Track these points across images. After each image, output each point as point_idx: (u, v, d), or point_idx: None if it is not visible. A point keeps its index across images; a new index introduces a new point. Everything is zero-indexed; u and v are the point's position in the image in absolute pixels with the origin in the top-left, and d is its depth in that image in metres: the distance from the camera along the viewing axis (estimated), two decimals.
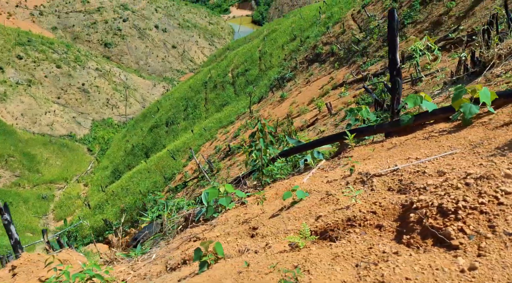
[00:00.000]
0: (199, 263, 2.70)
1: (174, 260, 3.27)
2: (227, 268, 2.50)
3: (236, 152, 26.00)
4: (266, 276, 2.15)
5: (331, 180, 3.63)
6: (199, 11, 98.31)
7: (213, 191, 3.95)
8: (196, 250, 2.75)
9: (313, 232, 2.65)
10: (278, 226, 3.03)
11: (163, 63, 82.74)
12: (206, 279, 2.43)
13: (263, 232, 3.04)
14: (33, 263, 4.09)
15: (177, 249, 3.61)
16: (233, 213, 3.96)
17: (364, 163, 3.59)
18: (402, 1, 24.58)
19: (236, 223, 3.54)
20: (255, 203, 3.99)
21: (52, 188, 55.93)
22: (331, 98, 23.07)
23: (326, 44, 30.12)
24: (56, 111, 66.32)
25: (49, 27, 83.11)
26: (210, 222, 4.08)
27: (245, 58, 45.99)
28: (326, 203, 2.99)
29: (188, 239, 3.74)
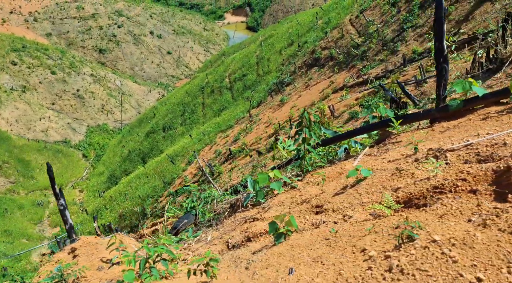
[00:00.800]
0: (276, 235, 2.78)
1: (235, 239, 3.35)
2: (308, 237, 2.59)
3: (237, 156, 26.07)
4: (364, 237, 2.24)
5: (392, 159, 3.73)
6: (194, 18, 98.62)
7: (263, 177, 4.04)
8: (271, 223, 2.83)
9: (396, 202, 2.75)
10: (350, 200, 3.13)
11: (158, 69, 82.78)
12: (288, 248, 2.52)
13: (332, 208, 3.13)
14: (91, 245, 4.16)
15: (234, 230, 3.69)
16: (286, 196, 4.05)
17: (423, 145, 3.71)
18: (400, 6, 24.93)
19: (293, 204, 3.63)
20: (307, 186, 4.08)
21: (47, 194, 55.42)
22: (332, 101, 23.28)
23: (324, 48, 30.39)
24: (50, 117, 65.97)
25: (43, 33, 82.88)
26: (262, 206, 4.16)
27: (242, 63, 46.20)
28: (400, 177, 3.09)
29: (243, 221, 3.82)
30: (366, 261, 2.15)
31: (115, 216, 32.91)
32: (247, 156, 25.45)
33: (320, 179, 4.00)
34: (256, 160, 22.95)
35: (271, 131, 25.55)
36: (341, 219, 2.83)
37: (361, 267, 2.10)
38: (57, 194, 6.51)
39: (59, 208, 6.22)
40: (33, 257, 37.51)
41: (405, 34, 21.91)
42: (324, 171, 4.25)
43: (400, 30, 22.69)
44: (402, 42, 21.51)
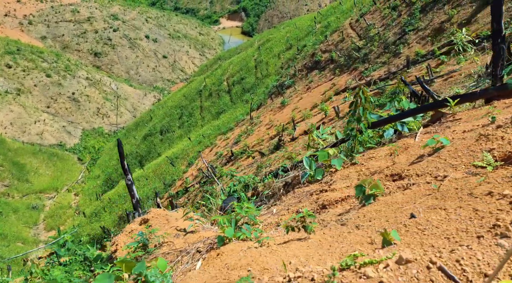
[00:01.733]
0: (364, 197, 2.91)
1: (307, 208, 3.47)
2: (401, 197, 2.71)
3: (239, 157, 26.15)
4: (479, 186, 2.36)
5: (467, 130, 3.86)
6: (189, 22, 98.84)
7: (323, 154, 4.18)
8: (358, 187, 2.96)
9: (494, 161, 2.88)
10: (435, 165, 3.25)
11: (154, 72, 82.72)
12: (383, 205, 2.64)
13: (415, 173, 3.26)
14: (162, 216, 4.26)
15: (300, 202, 3.81)
16: (349, 171, 4.18)
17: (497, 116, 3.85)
18: (401, 10, 25.30)
19: (362, 176, 3.77)
20: (370, 161, 4.21)
21: (42, 197, 54.96)
22: (334, 103, 23.50)
23: (325, 51, 30.68)
24: (46, 120, 65.55)
25: (38, 36, 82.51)
26: (324, 181, 4.29)
27: (240, 67, 46.40)
28: (488, 141, 3.20)
29: (308, 194, 3.95)
30: (500, 200, 2.27)
31: (114, 218, 32.79)
32: (250, 157, 25.54)
33: (382, 154, 4.14)
34: (259, 161, 23.05)
35: (273, 132, 25.69)
36: (433, 179, 2.96)
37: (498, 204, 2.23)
38: (126, 169, 6.75)
39: (126, 183, 6.46)
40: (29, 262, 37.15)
41: (407, 37, 22.24)
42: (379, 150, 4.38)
43: (401, 33, 23.02)
44: (404, 44, 21.83)
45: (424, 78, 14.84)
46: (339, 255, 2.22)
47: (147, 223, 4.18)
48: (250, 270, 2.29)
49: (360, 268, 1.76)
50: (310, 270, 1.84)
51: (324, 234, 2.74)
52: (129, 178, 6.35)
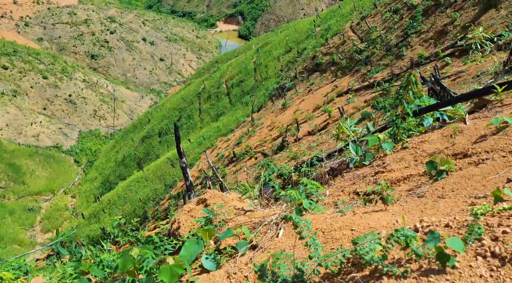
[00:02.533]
0: (436, 172, 3.01)
1: (365, 188, 3.58)
2: (477, 170, 2.82)
3: (242, 158, 26.22)
4: None
5: None
6: (186, 25, 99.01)
7: (372, 138, 4.29)
8: (429, 163, 3.07)
9: None
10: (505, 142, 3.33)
11: (151, 75, 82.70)
12: (461, 178, 2.73)
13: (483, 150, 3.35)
14: (218, 197, 4.35)
15: (354, 184, 3.92)
16: (402, 154, 4.29)
17: None
18: (402, 13, 25.57)
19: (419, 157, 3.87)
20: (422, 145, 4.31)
21: (38, 200, 54.63)
22: (337, 104, 23.67)
23: (326, 54, 30.91)
24: (42, 122, 65.27)
25: (34, 38, 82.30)
26: (375, 164, 4.40)
27: (239, 69, 46.55)
28: None
29: (361, 177, 4.06)
30: None
31: (114, 219, 32.67)
32: (252, 158, 25.63)
33: (435, 137, 4.25)
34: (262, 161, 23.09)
35: (275, 134, 25.81)
36: (508, 154, 3.06)
37: None
38: (181, 152, 6.87)
39: (181, 165, 6.58)
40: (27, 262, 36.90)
41: (409, 39, 22.48)
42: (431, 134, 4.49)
43: (404, 36, 23.27)
44: (407, 47, 22.07)
45: (431, 79, 15.01)
46: (443, 215, 2.30)
47: (205, 202, 4.28)
48: (354, 229, 2.38)
49: (500, 213, 1.86)
50: (438, 220, 1.93)
51: (402, 205, 2.84)
52: (184, 160, 6.47)
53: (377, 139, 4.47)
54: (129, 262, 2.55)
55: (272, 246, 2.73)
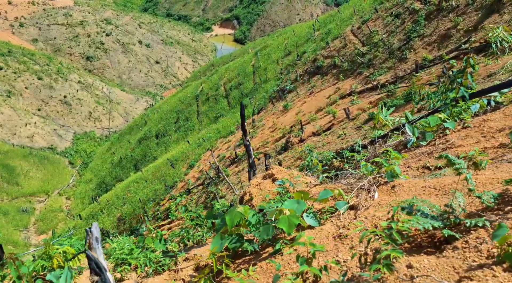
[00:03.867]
0: None
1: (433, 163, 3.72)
2: None
3: (244, 159, 26.31)
4: None
5: None
6: (182, 28, 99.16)
7: (434, 119, 4.45)
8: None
9: None
10: None
11: (146, 78, 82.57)
12: None
13: None
14: (284, 172, 4.48)
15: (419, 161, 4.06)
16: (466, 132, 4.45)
17: None
18: (404, 18, 25.95)
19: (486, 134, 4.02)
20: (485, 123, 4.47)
21: (32, 201, 54.11)
22: (340, 106, 23.93)
23: (327, 57, 31.20)
24: (36, 123, 64.80)
25: (29, 38, 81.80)
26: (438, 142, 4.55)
27: (237, 72, 46.75)
28: None
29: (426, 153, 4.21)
30: None
31: (113, 219, 32.56)
32: (255, 159, 25.72)
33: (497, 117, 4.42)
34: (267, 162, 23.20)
35: (278, 135, 25.96)
36: None
37: None
38: (245, 131, 7.07)
39: (245, 143, 6.79)
40: None
41: (412, 43, 22.83)
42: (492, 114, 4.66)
43: (406, 39, 23.63)
44: (410, 50, 22.41)
45: (439, 80, 15.29)
46: None
47: (273, 177, 4.41)
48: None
49: None
50: None
51: (494, 170, 2.98)
52: (247, 139, 6.62)
53: (439, 119, 4.65)
54: (237, 217, 2.67)
55: (374, 204, 2.87)
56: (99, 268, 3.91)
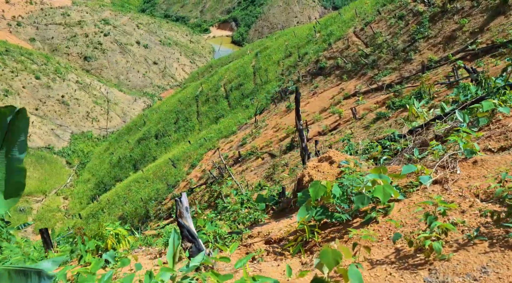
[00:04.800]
0: None
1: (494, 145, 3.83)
2: None
3: (247, 159, 26.38)
4: None
5: None
6: (180, 29, 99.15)
7: (488, 104, 4.56)
8: None
9: None
10: None
11: (144, 78, 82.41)
12: None
13: None
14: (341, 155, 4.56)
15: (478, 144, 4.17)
16: None
17: None
18: (408, 20, 26.18)
19: None
20: None
21: (29, 200, 53.74)
22: (345, 106, 24.08)
23: (329, 58, 31.37)
24: (34, 123, 64.42)
25: (26, 38, 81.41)
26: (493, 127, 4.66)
27: (238, 73, 46.84)
28: None
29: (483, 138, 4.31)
30: None
31: (114, 219, 32.40)
32: (259, 158, 25.81)
33: None
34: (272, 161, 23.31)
35: (282, 135, 26.06)
36: None
37: None
38: (299, 115, 7.16)
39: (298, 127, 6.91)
40: None
41: (417, 44, 23.03)
42: None
43: (411, 41, 23.83)
44: (415, 51, 22.60)
45: (449, 80, 15.45)
46: None
47: (330, 159, 4.48)
48: None
49: None
50: None
51: None
52: (301, 123, 6.70)
53: (492, 104, 4.76)
54: (321, 190, 2.75)
55: (462, 177, 2.96)
56: (192, 235, 4.04)
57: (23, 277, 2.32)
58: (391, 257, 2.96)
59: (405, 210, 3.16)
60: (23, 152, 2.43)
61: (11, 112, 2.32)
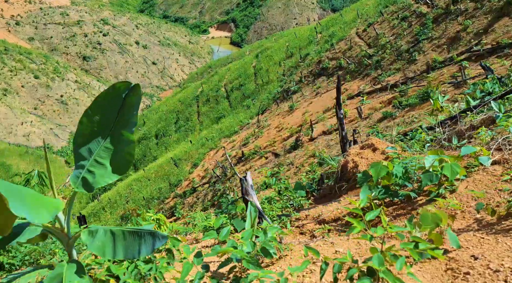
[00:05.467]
0: None
1: None
2: None
3: (251, 158, 26.46)
4: None
5: None
6: (179, 30, 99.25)
7: None
8: None
9: None
10: None
11: (143, 79, 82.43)
12: None
13: None
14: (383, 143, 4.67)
15: None
16: None
17: None
18: (411, 21, 26.38)
19: None
20: None
21: None
22: (348, 106, 24.22)
23: (332, 59, 31.54)
24: (33, 122, 64.34)
25: (25, 37, 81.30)
26: None
27: (238, 74, 46.96)
28: None
29: None
30: None
31: (116, 217, 32.42)
32: (262, 157, 25.90)
33: None
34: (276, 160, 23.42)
35: (285, 134, 26.17)
36: None
37: None
38: (340, 104, 7.22)
39: (339, 116, 6.95)
40: None
41: (421, 45, 23.21)
42: None
43: (414, 42, 24.01)
44: (419, 52, 22.77)
45: (456, 79, 15.62)
46: None
47: (373, 146, 4.60)
48: None
49: None
50: None
51: None
52: (341, 112, 6.80)
53: None
54: (383, 170, 2.87)
55: None
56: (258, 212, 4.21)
57: (136, 237, 2.47)
58: (474, 225, 3.09)
59: (472, 187, 3.30)
60: (134, 126, 2.55)
61: (126, 88, 2.43)
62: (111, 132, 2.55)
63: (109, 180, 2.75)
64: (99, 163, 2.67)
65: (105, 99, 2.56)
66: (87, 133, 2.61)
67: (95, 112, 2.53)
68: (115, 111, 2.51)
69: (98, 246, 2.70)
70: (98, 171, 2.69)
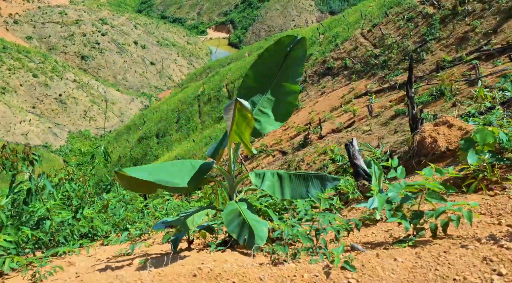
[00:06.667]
0: None
1: None
2: None
3: (258, 156, 26.56)
4: None
5: None
6: (178, 31, 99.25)
7: None
8: None
9: None
10: None
11: (141, 78, 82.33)
12: None
13: None
14: (458, 120, 4.81)
15: None
16: None
17: None
18: (417, 21, 26.66)
19: None
20: None
21: None
22: (356, 105, 24.38)
23: (337, 59, 31.75)
24: (31, 121, 64.02)
25: (23, 36, 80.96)
26: None
27: (240, 74, 47.06)
28: None
29: None
30: None
31: None
32: (270, 156, 25.99)
33: None
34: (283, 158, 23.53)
35: (293, 133, 26.30)
36: None
37: None
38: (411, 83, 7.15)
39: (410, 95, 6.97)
40: None
41: (428, 45, 23.45)
42: None
43: (422, 42, 24.25)
44: (427, 52, 23.01)
45: (470, 77, 15.83)
46: None
47: (448, 123, 4.75)
48: None
49: None
50: None
51: None
52: (412, 91, 6.91)
53: None
54: (489, 135, 2.99)
55: None
56: (367, 174, 4.36)
57: (302, 180, 2.62)
58: None
59: None
60: (298, 77, 2.66)
61: (291, 42, 2.54)
62: (273, 84, 2.68)
63: (273, 127, 2.97)
64: (263, 112, 2.92)
65: (270, 53, 2.76)
66: (250, 85, 2.85)
67: (260, 65, 2.66)
68: (279, 65, 2.63)
69: (269, 186, 3.10)
70: (264, 119, 2.97)
